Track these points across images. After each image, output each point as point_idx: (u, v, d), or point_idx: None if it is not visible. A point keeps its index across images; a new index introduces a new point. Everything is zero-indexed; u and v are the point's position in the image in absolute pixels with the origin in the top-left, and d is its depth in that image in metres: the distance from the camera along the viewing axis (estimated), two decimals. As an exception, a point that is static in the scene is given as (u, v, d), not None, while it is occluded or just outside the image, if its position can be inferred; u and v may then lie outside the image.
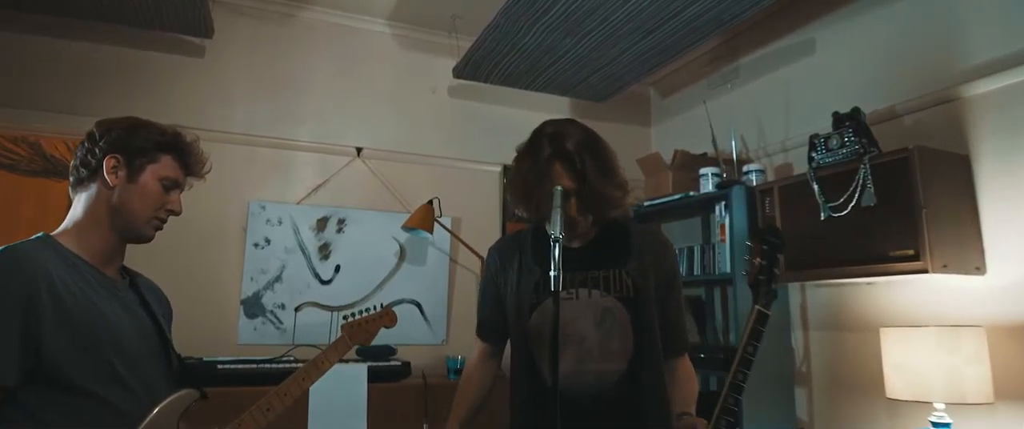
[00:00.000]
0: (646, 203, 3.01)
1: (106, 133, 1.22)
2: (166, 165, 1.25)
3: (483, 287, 1.61)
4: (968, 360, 1.86)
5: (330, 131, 3.00)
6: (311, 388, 2.15)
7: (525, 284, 1.45)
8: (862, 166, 2.18)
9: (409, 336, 2.81)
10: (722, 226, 2.60)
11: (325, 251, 2.85)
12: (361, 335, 1.56)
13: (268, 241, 2.76)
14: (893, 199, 2.09)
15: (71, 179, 1.25)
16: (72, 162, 1.25)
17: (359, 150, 3.01)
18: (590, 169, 1.36)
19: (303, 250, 2.81)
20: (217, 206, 2.70)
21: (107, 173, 1.20)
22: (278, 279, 2.74)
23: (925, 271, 1.96)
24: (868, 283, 2.37)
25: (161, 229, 1.26)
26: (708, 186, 2.77)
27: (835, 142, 2.29)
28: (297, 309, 2.74)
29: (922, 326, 1.98)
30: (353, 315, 1.59)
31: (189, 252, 2.61)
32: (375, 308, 1.63)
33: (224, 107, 2.84)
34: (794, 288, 2.67)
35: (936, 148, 2.12)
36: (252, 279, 2.70)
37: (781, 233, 1.41)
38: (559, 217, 1.18)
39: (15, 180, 3.31)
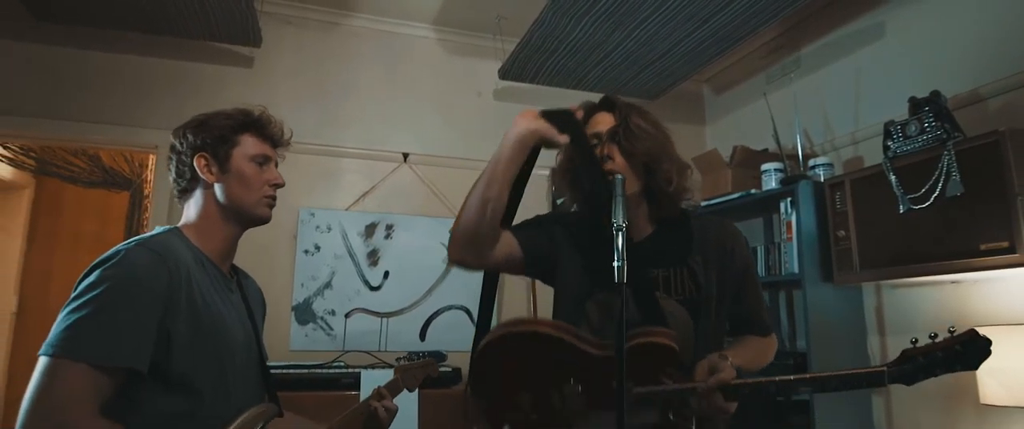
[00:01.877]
0: (704, 203, 2.87)
1: (183, 138, 1.25)
2: (249, 144, 1.26)
3: (535, 223, 1.40)
4: (1082, 364, 1.66)
5: (376, 137, 2.99)
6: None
7: (574, 268, 1.33)
8: (946, 153, 2.00)
9: (458, 342, 2.75)
10: (788, 223, 2.44)
11: (374, 257, 2.82)
12: (411, 380, 1.64)
13: (318, 248, 2.75)
14: (982, 187, 1.90)
15: (175, 191, 1.28)
16: (170, 177, 1.29)
17: (406, 156, 2.99)
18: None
19: (352, 256, 2.79)
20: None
21: (202, 173, 1.23)
22: (328, 285, 2.72)
23: (1022, 264, 1.77)
24: (954, 281, 2.17)
25: (273, 205, 1.28)
26: (771, 183, 2.62)
27: (914, 128, 2.12)
28: (347, 315, 2.72)
29: (1021, 324, 1.78)
30: (408, 358, 1.74)
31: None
32: (423, 354, 1.81)
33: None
34: (869, 289, 2.48)
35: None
36: (303, 285, 2.69)
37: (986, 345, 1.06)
38: (621, 206, 1.09)
39: (77, 192, 3.45)
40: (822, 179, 2.48)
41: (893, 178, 2.13)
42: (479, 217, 1.22)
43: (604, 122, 1.32)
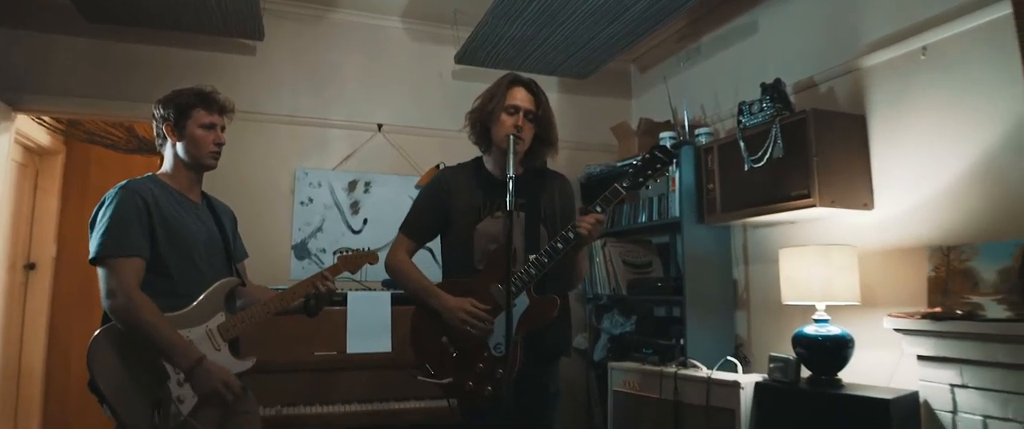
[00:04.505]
0: (619, 164, 3.59)
1: (157, 110, 1.82)
2: (199, 115, 1.79)
3: (426, 195, 2.05)
4: (839, 271, 2.42)
5: (357, 111, 3.68)
6: (350, 310, 2.84)
7: (473, 200, 1.97)
8: (775, 126, 2.72)
9: (425, 272, 3.48)
10: (673, 179, 3.17)
11: (355, 208, 3.54)
12: (350, 265, 2.01)
13: (311, 200, 3.46)
14: (795, 152, 2.62)
15: (157, 143, 1.87)
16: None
17: (380, 126, 3.68)
18: (544, 109, 1.96)
19: (338, 207, 3.51)
20: (272, 174, 3.43)
21: (169, 136, 1.81)
22: (320, 229, 3.45)
23: (813, 206, 2.51)
24: (791, 221, 2.92)
25: (218, 157, 1.84)
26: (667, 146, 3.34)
27: (757, 107, 2.83)
28: (334, 253, 3.43)
29: (807, 246, 2.55)
30: (349, 250, 2.05)
31: (253, 209, 3.33)
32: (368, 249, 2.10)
33: (273, 95, 3.53)
34: (737, 229, 3.24)
35: (833, 110, 2.65)
36: (300, 229, 3.41)
37: (669, 150, 1.88)
38: (511, 160, 1.76)
39: (120, 157, 4.12)
40: (702, 144, 3.20)
41: (742, 144, 2.85)
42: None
43: (521, 96, 1.94)
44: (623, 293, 3.38)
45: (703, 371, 2.55)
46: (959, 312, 2.14)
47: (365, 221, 3.55)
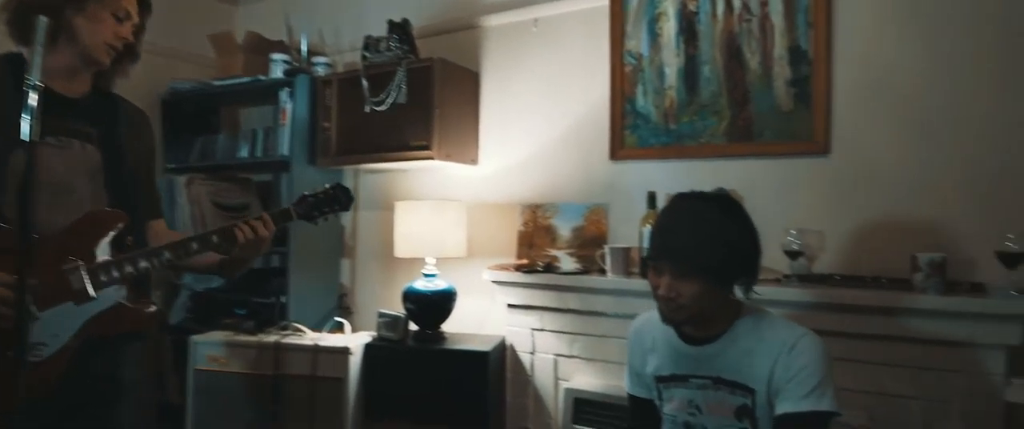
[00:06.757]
0: (216, 82, 2.94)
1: None
2: None
3: None
4: (452, 226, 2.46)
5: None
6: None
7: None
8: (400, 69, 2.56)
9: None
10: (284, 111, 2.74)
11: None
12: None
13: None
14: (418, 100, 2.52)
15: None
16: None
17: None
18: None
19: None
20: None
21: None
22: None
23: (432, 158, 2.47)
24: (403, 169, 2.85)
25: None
26: (278, 72, 2.86)
27: (384, 45, 2.62)
28: None
29: (422, 200, 2.52)
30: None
31: None
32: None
33: None
34: (348, 173, 3.02)
35: (455, 62, 2.64)
36: None
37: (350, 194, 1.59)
38: (39, 55, 1.09)
39: None
40: (321, 75, 2.84)
41: (365, 83, 2.62)
42: None
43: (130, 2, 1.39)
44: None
45: (309, 338, 2.28)
46: (540, 264, 2.40)
47: None
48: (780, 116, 2.13)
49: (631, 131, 2.38)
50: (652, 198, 2.19)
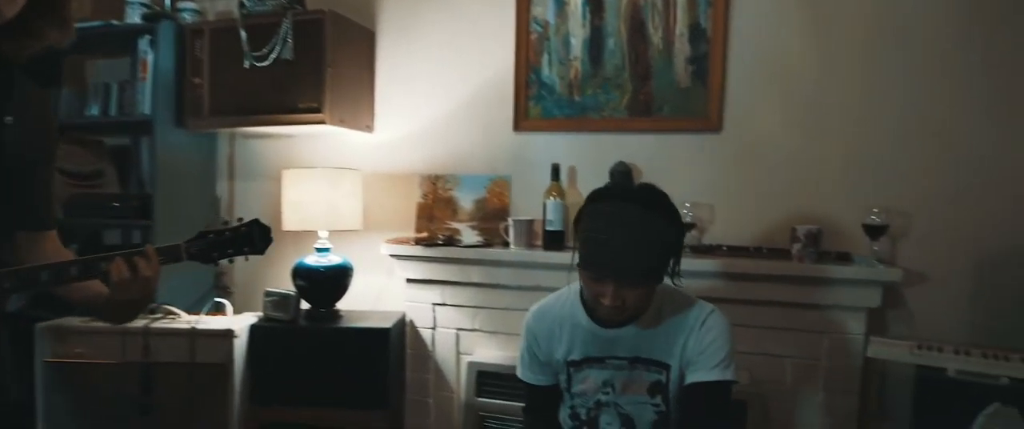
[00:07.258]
0: (55, 25, 2.49)
1: None
2: None
3: None
4: (346, 197, 2.29)
5: None
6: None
7: None
8: (286, 20, 2.31)
9: None
10: (144, 62, 2.39)
11: None
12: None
13: None
14: (307, 56, 2.29)
15: None
16: None
17: None
18: None
19: None
20: None
21: None
22: None
23: (324, 123, 2.27)
24: (288, 134, 2.61)
25: None
26: (135, 17, 2.48)
27: (265, -7, 2.35)
28: None
29: (315, 168, 2.32)
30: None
31: None
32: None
33: None
34: (223, 138, 2.72)
35: (349, 17, 2.43)
36: None
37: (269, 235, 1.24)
38: None
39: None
40: (188, 22, 2.50)
41: (244, 34, 2.34)
42: None
43: None
44: (57, 214, 2.40)
45: (184, 321, 2.03)
46: (441, 238, 2.32)
47: None
48: (678, 92, 2.19)
49: (536, 102, 2.34)
50: (556, 170, 2.18)
